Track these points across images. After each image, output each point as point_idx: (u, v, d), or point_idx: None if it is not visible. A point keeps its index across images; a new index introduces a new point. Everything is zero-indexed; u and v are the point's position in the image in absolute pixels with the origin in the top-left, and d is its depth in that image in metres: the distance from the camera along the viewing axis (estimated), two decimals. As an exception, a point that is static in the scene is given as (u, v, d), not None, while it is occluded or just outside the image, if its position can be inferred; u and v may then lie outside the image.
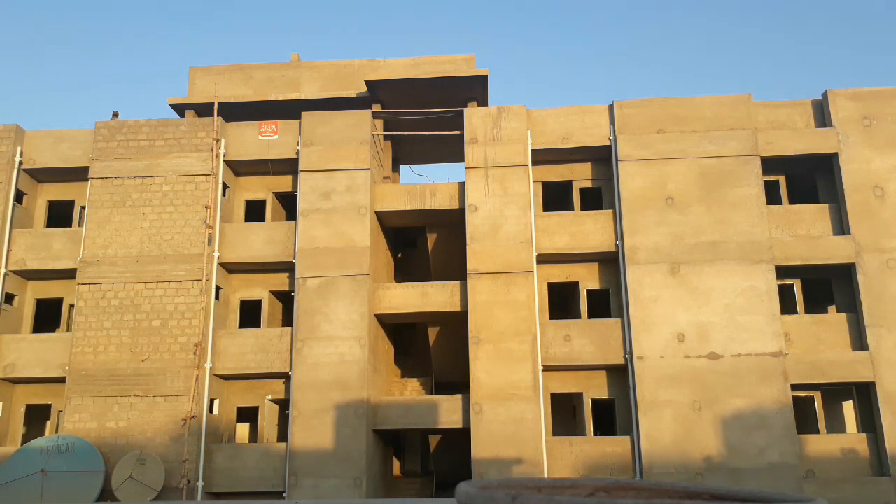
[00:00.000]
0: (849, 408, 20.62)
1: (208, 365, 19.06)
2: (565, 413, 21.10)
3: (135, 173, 20.36)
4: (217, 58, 74.56)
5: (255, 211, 21.83)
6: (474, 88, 21.55)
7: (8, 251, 20.43)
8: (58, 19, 72.29)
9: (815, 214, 19.76)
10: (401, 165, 26.37)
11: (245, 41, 72.44)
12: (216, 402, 19.55)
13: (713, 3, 69.34)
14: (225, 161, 20.68)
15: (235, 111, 22.34)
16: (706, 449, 18.00)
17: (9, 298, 20.55)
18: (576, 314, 20.42)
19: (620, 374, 19.27)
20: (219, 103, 21.47)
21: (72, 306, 20.73)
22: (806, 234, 19.55)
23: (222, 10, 74.53)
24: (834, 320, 19.25)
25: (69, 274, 20.40)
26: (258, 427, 20.28)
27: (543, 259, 19.92)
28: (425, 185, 20.95)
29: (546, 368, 19.05)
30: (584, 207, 20.93)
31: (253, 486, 18.60)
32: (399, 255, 25.09)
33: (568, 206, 21.35)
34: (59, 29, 72.21)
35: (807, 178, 20.92)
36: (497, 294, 19.24)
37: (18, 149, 20.94)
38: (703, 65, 71.98)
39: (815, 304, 20.84)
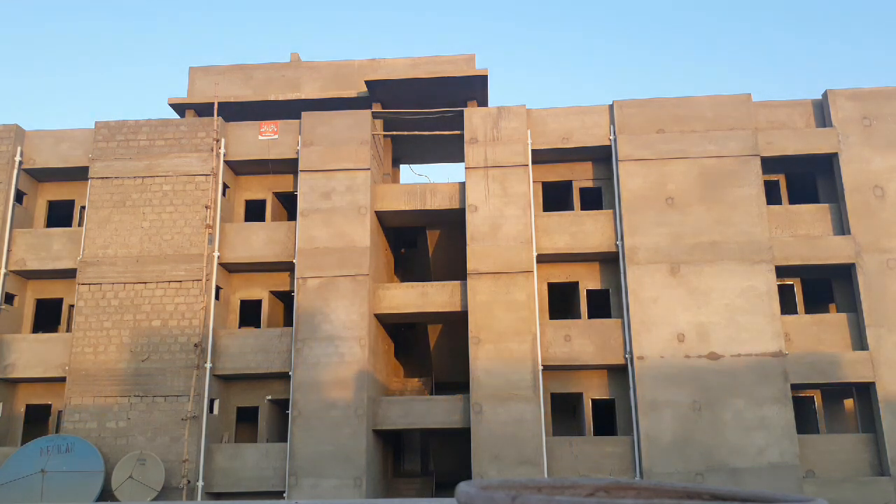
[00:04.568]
0: (849, 407, 20.62)
1: (208, 365, 19.05)
2: (565, 413, 21.10)
3: (135, 173, 20.36)
4: (217, 58, 74.56)
5: (255, 211, 21.83)
6: (474, 88, 21.55)
7: (8, 251, 20.42)
8: (58, 19, 72.30)
9: (815, 214, 19.75)
10: (401, 165, 26.37)
11: (245, 41, 72.45)
12: (216, 402, 19.54)
13: (713, 3, 69.35)
14: (225, 161, 20.68)
15: (235, 111, 22.33)
16: (706, 449, 17.99)
17: (9, 298, 20.54)
18: (576, 314, 20.41)
19: (620, 374, 19.27)
20: (219, 103, 21.46)
21: (72, 306, 20.72)
22: (806, 234, 19.55)
23: (222, 10, 74.53)
24: (834, 320, 19.25)
25: (69, 274, 20.39)
26: (258, 427, 20.28)
27: (543, 259, 19.92)
28: (425, 185, 20.95)
29: (546, 368, 19.05)
30: (584, 207, 20.93)
31: (253, 486, 18.60)
32: (401, 254, 25.08)
33: (568, 206, 21.35)
34: (60, 29, 72.22)
35: (807, 178, 20.92)
36: (497, 294, 19.23)
37: (18, 149, 20.94)
38: (703, 65, 71.99)
39: (815, 304, 20.84)
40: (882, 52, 66.51)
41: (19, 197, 21.11)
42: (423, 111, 21.31)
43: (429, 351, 22.73)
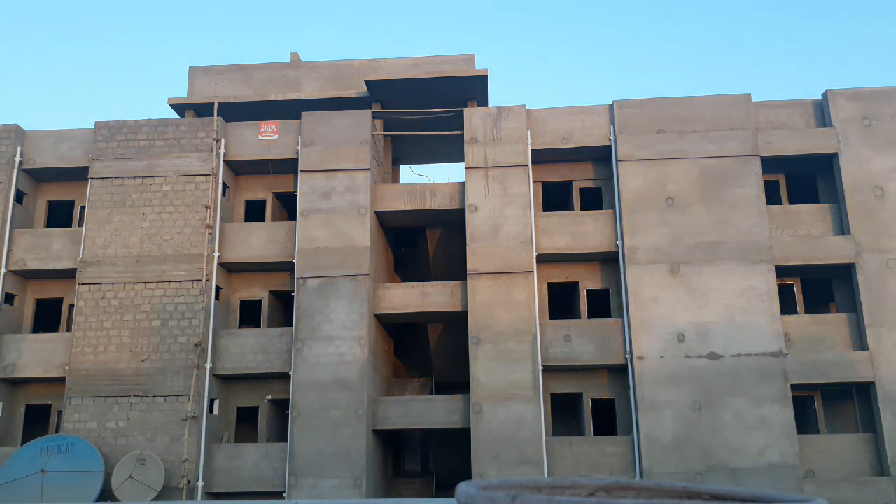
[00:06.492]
0: (849, 407, 20.60)
1: (208, 365, 19.05)
2: (565, 413, 21.10)
3: (135, 173, 20.36)
4: (217, 58, 74.44)
5: (255, 211, 21.83)
6: (474, 88, 21.55)
7: (8, 251, 20.42)
8: (58, 19, 72.30)
9: (815, 214, 19.76)
10: (401, 165, 26.37)
11: (245, 41, 72.39)
12: (216, 402, 19.54)
13: (713, 3, 69.35)
14: (225, 161, 20.68)
15: (235, 111, 22.33)
16: (706, 449, 17.99)
17: (9, 298, 20.54)
18: (576, 314, 20.42)
19: (620, 374, 19.27)
20: (219, 103, 21.45)
21: (72, 306, 20.72)
22: (806, 234, 19.55)
23: (222, 10, 74.51)
24: (834, 320, 19.25)
25: (69, 274, 20.39)
26: (258, 427, 20.29)
27: (543, 259, 19.92)
28: (425, 185, 20.95)
29: (546, 368, 19.05)
30: (584, 207, 20.93)
31: (253, 486, 18.59)
32: (401, 252, 25.07)
33: (568, 206, 21.36)
34: (60, 29, 72.22)
35: (807, 178, 20.92)
36: (497, 294, 19.24)
37: (18, 149, 20.94)
38: (703, 65, 71.97)
39: (815, 304, 20.83)
40: (882, 52, 66.52)
41: (19, 197, 21.11)
42: (423, 111, 21.31)
43: (429, 351, 22.74)
